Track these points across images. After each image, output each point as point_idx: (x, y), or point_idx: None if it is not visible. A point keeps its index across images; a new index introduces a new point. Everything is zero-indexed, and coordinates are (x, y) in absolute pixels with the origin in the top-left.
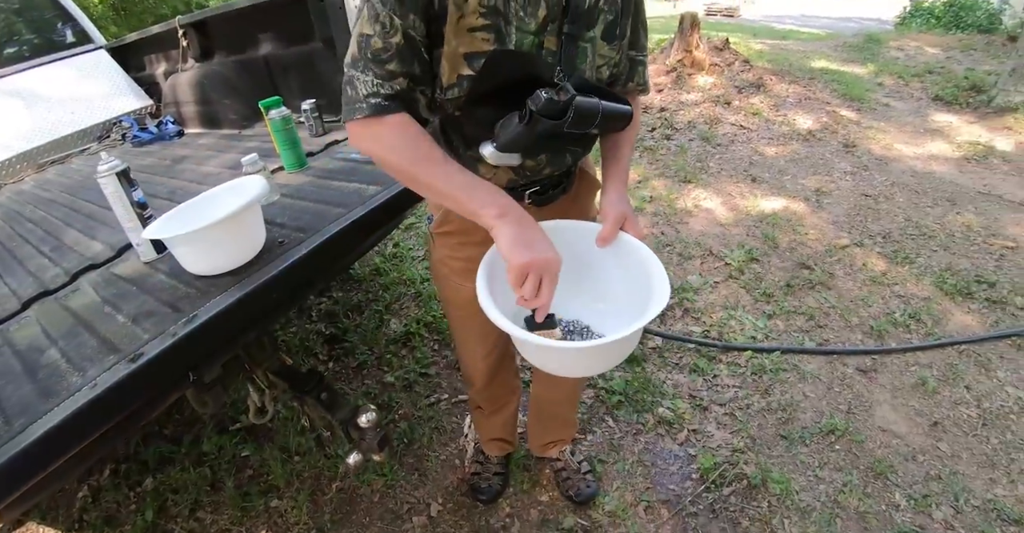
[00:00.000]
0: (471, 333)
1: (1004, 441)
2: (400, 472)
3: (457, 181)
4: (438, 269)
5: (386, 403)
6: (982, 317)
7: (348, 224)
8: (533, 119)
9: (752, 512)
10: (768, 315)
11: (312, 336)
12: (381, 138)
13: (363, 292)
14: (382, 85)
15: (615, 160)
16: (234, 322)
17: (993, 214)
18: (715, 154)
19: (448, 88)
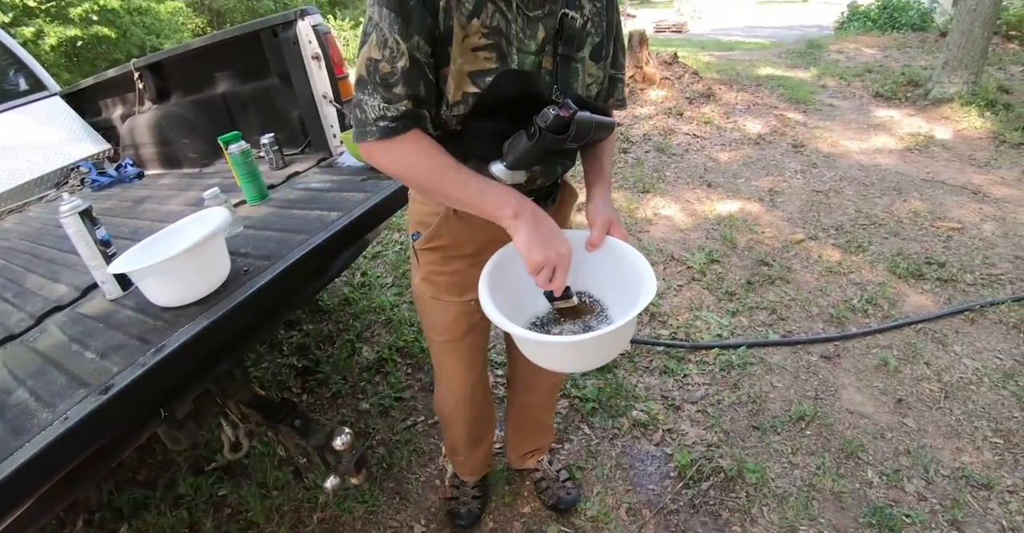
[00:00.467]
0: (458, 359)
1: (966, 411)
2: (381, 497)
3: (472, 187)
4: (422, 290)
5: (363, 430)
6: (935, 296)
7: (311, 249)
8: (542, 135)
9: (731, 503)
10: (732, 313)
11: (284, 370)
12: (395, 155)
13: (333, 322)
14: (388, 108)
15: (598, 169)
16: (204, 350)
17: (938, 199)
18: (671, 163)
19: (454, 105)
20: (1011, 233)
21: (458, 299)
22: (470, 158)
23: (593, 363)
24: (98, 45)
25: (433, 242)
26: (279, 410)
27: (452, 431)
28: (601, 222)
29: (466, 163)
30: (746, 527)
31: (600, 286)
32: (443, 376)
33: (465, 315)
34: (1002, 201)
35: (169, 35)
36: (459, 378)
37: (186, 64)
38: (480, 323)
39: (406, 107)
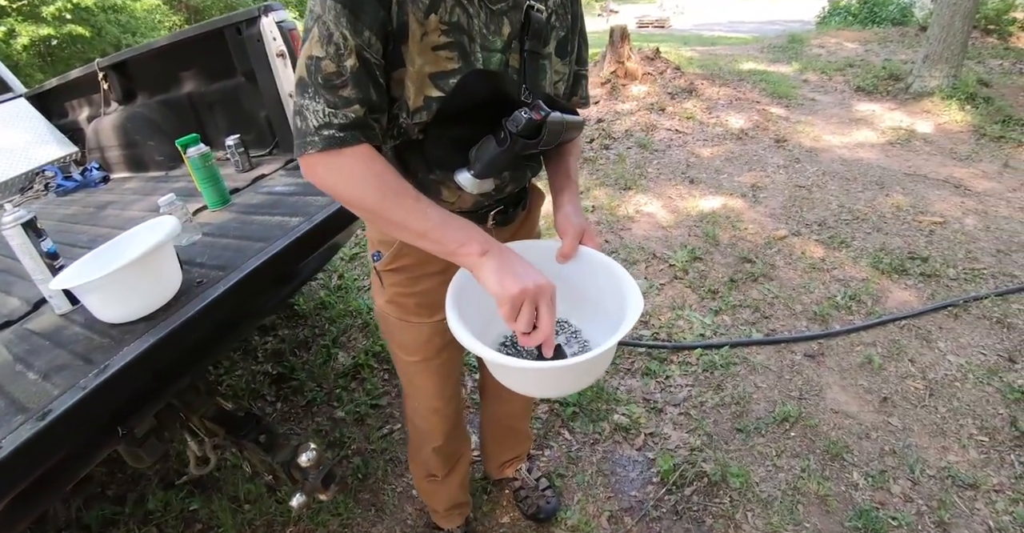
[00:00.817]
0: (432, 376)
1: (952, 408)
2: (356, 509)
3: (432, 218)
4: (387, 313)
5: (338, 439)
6: (918, 292)
7: (268, 258)
8: (512, 141)
9: (715, 509)
10: (715, 311)
11: (259, 377)
12: (341, 172)
13: (309, 327)
14: (335, 114)
15: (564, 173)
16: (152, 369)
17: (920, 193)
18: (653, 160)
19: (415, 111)
20: (993, 227)
21: (429, 320)
22: (434, 168)
23: (569, 390)
24: (72, 44)
25: (397, 262)
26: (243, 425)
27: (426, 446)
28: (573, 231)
29: (431, 174)
30: None
31: (574, 302)
32: (415, 393)
33: (438, 334)
34: (983, 195)
35: (145, 33)
36: (433, 393)
37: (151, 63)
38: (454, 343)
39: (356, 114)
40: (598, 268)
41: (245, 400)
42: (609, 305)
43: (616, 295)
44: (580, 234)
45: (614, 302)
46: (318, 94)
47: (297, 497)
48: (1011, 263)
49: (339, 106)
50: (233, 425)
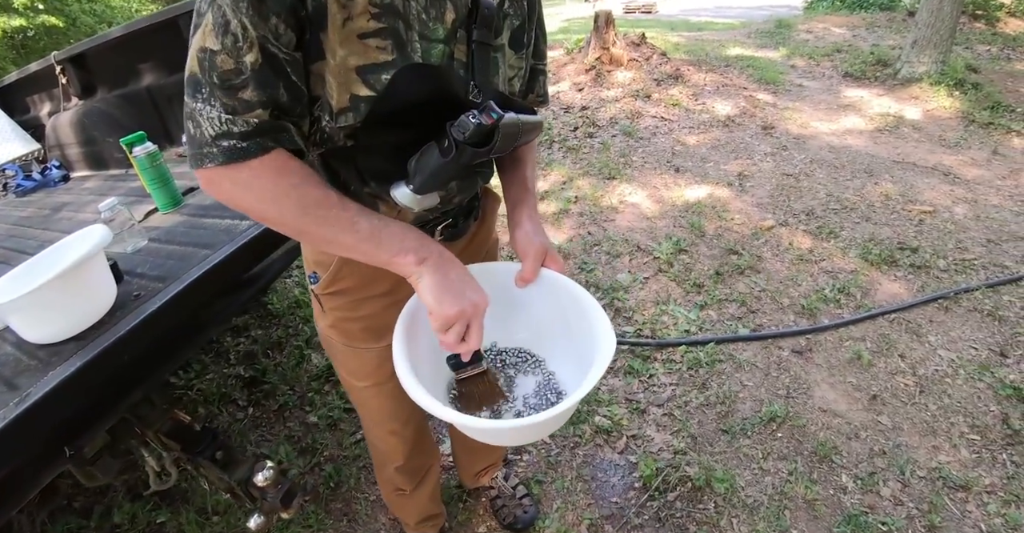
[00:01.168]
0: (388, 399)
1: (942, 406)
2: (327, 520)
3: (362, 228)
4: (331, 339)
5: (310, 445)
6: (908, 283)
7: (211, 267)
8: (459, 150)
9: (699, 515)
10: (700, 306)
11: (231, 381)
12: (250, 187)
13: (282, 327)
14: (233, 121)
15: (520, 183)
16: (85, 392)
17: (909, 181)
18: (638, 148)
19: (340, 113)
20: (983, 216)
21: (376, 345)
22: (368, 180)
23: (532, 438)
24: (47, 35)
25: (336, 285)
26: (199, 440)
27: (388, 466)
28: (534, 252)
29: (365, 186)
30: None
31: (536, 329)
32: (370, 416)
33: (389, 359)
34: (973, 183)
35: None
36: (389, 416)
37: (107, 56)
38: None
39: (259, 119)
40: (562, 294)
41: (216, 405)
42: (576, 335)
43: (583, 325)
44: (542, 256)
45: (581, 333)
46: (213, 96)
47: (255, 518)
48: (1002, 253)
49: (238, 111)
50: (189, 441)
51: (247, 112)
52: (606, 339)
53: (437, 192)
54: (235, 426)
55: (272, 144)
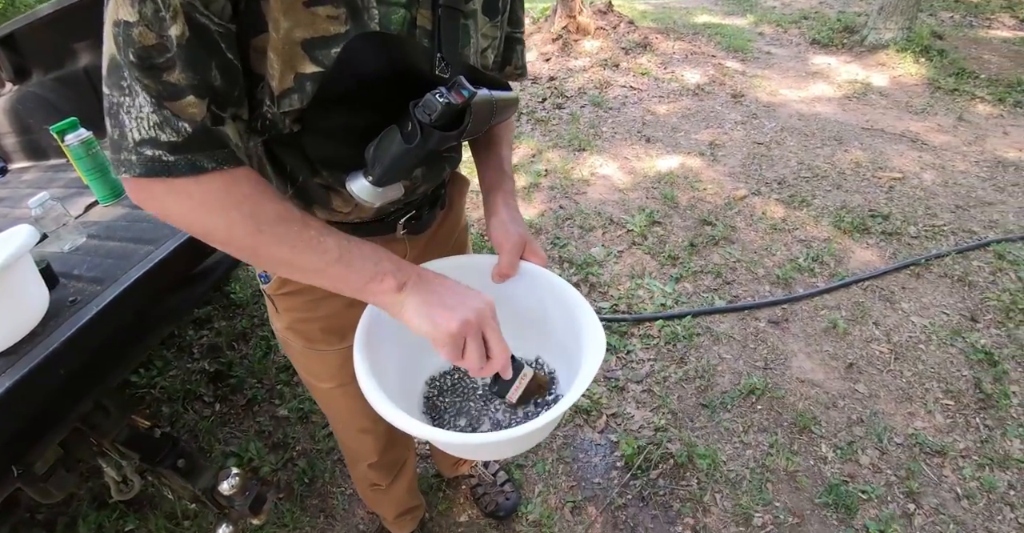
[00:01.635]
0: (353, 403)
1: (917, 372)
2: (304, 517)
3: (329, 248)
4: (289, 340)
5: (282, 440)
6: (880, 250)
7: (152, 266)
8: (425, 134)
9: (682, 492)
10: (676, 278)
11: (195, 376)
12: (190, 199)
13: (247, 317)
14: (161, 126)
15: (496, 166)
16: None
17: (878, 148)
18: (607, 118)
19: (283, 96)
20: (950, 182)
21: (340, 346)
22: (319, 169)
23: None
24: None
25: (290, 285)
26: (158, 449)
27: (360, 463)
28: (512, 245)
29: (315, 177)
30: (699, 518)
31: (518, 328)
32: (338, 418)
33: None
34: (940, 149)
35: None
36: (359, 414)
37: (40, 35)
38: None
39: (195, 119)
40: (543, 290)
41: (180, 403)
42: (560, 332)
43: (568, 324)
44: (521, 247)
45: (566, 331)
46: (135, 82)
47: (223, 528)
48: (970, 219)
49: (164, 96)
50: (148, 449)
51: (176, 99)
52: (594, 341)
53: (400, 182)
54: (202, 424)
55: (204, 164)
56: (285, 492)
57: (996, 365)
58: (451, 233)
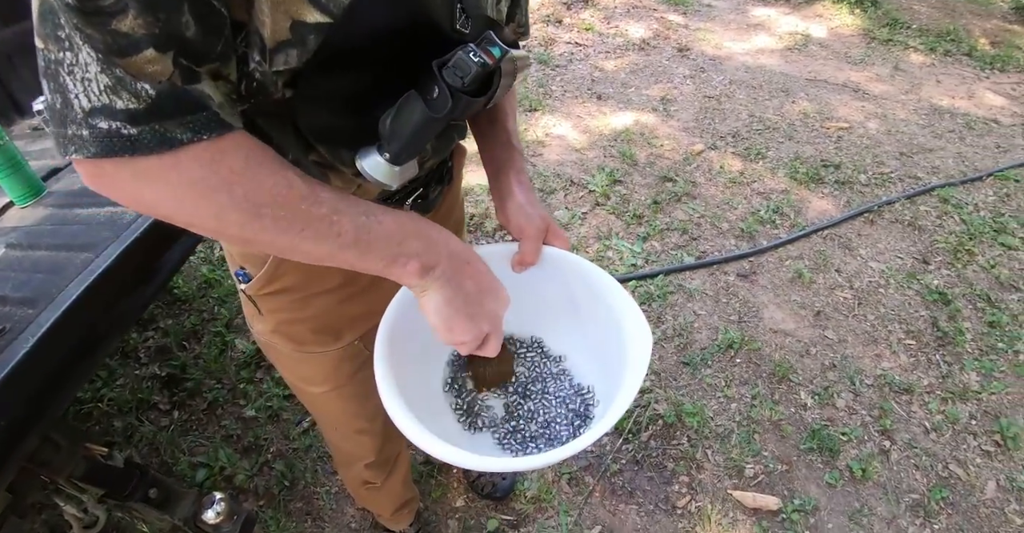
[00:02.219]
0: (349, 405)
1: (879, 315)
2: (289, 524)
3: (344, 231)
4: (274, 344)
5: (253, 443)
6: (835, 199)
7: (95, 278)
8: (455, 100)
9: (674, 452)
10: (643, 237)
11: (146, 383)
12: (163, 180)
13: (196, 313)
14: (115, 89)
15: (504, 140)
16: None
17: (823, 99)
18: (556, 76)
19: (276, 51)
20: (893, 130)
21: (334, 347)
22: (314, 144)
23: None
24: None
25: (275, 284)
26: (124, 481)
27: (356, 463)
28: (535, 230)
29: (308, 154)
30: (693, 474)
31: (538, 318)
32: (331, 422)
33: (349, 359)
34: (880, 98)
35: None
36: (354, 416)
37: None
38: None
39: (155, 85)
40: (571, 277)
41: (134, 415)
42: (593, 322)
43: (597, 312)
44: (543, 232)
45: (594, 320)
46: (76, 31)
47: None
48: (914, 165)
49: (114, 51)
50: (113, 482)
51: (128, 55)
52: (636, 334)
53: (416, 159)
54: (161, 435)
55: (177, 135)
56: (265, 499)
57: (949, 303)
58: (452, 209)
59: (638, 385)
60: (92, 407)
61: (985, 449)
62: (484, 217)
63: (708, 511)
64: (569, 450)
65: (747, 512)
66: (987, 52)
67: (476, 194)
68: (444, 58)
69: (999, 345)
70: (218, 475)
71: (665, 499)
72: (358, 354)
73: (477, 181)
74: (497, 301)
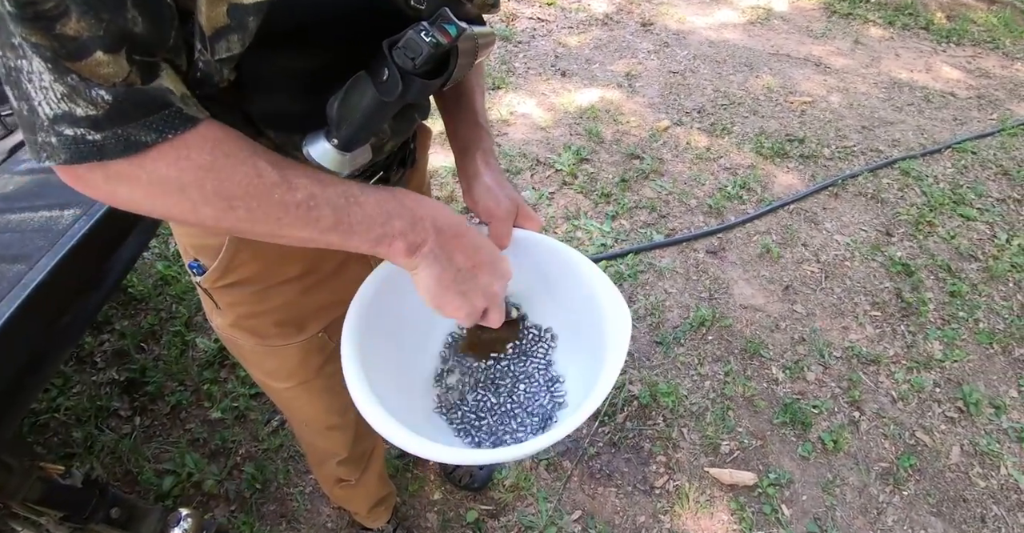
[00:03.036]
0: (319, 401)
1: (846, 288)
2: (263, 529)
3: (323, 216)
4: (236, 340)
5: (221, 447)
6: (800, 174)
7: (31, 292)
8: (407, 83)
9: (650, 432)
10: (612, 216)
11: (104, 389)
12: (134, 179)
13: (153, 312)
14: (71, 97)
15: (470, 120)
16: None
17: (786, 73)
18: (519, 53)
19: (216, 38)
20: (855, 104)
21: (298, 339)
22: (264, 128)
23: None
24: None
25: (231, 276)
26: (83, 501)
27: (329, 461)
28: (504, 212)
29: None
30: (670, 454)
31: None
32: (301, 418)
33: (315, 351)
34: (842, 72)
35: None
36: (325, 412)
37: None
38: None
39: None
40: (545, 260)
41: (93, 423)
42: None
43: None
44: (514, 214)
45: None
46: (23, 40)
47: None
48: (875, 139)
49: (63, 56)
50: (71, 504)
51: (79, 58)
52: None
53: (368, 144)
54: (123, 444)
55: (142, 138)
56: (236, 504)
57: (912, 275)
58: (418, 191)
59: (619, 366)
60: (48, 418)
61: (949, 416)
62: (450, 200)
63: (686, 490)
64: (555, 435)
65: (724, 488)
66: (943, 26)
67: (441, 176)
68: (395, 37)
69: (960, 314)
70: (186, 482)
71: (643, 480)
72: (324, 346)
73: (442, 163)
74: (493, 274)
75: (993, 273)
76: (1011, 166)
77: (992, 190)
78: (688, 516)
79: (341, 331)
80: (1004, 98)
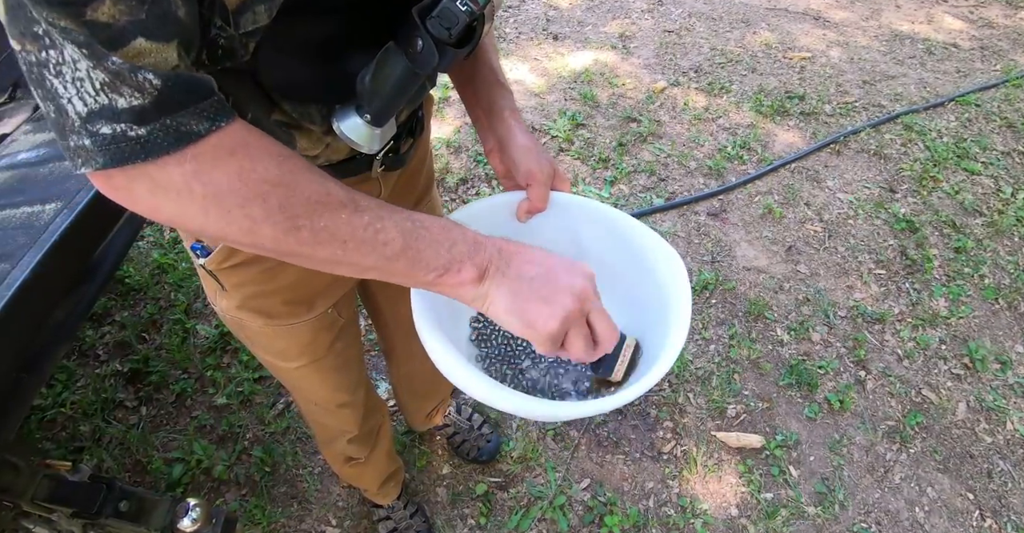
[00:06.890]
0: (328, 378)
1: (849, 247)
2: (275, 510)
3: (391, 240)
4: (243, 322)
5: (228, 432)
6: (801, 131)
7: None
8: (443, 53)
9: (656, 398)
10: (610, 182)
11: (108, 381)
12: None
13: (151, 301)
14: (114, 84)
15: (491, 79)
16: None
17: (784, 28)
18: (509, 17)
19: (240, 12)
20: (855, 58)
21: (307, 317)
22: (279, 101)
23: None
24: None
25: (239, 256)
26: (92, 497)
27: (339, 439)
28: (543, 176)
29: (272, 113)
30: (676, 419)
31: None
32: (310, 397)
33: (325, 328)
34: (841, 25)
35: None
36: (334, 389)
37: None
38: (347, 326)
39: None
40: (582, 221)
41: (100, 416)
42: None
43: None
44: (551, 177)
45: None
46: (52, 27)
47: None
48: (877, 93)
49: (102, 44)
50: (79, 500)
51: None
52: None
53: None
54: (131, 434)
55: (199, 126)
56: (247, 488)
57: (916, 231)
58: (423, 162)
59: (687, 324)
60: (55, 413)
61: (955, 373)
62: (445, 172)
63: (693, 454)
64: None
65: (731, 452)
66: None
67: (432, 147)
68: (423, 4)
69: (965, 270)
70: (196, 469)
71: (650, 446)
72: (333, 323)
73: (434, 134)
74: (572, 274)
75: (998, 228)
76: (1016, 118)
77: (996, 143)
78: (696, 480)
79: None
80: (1008, 48)
